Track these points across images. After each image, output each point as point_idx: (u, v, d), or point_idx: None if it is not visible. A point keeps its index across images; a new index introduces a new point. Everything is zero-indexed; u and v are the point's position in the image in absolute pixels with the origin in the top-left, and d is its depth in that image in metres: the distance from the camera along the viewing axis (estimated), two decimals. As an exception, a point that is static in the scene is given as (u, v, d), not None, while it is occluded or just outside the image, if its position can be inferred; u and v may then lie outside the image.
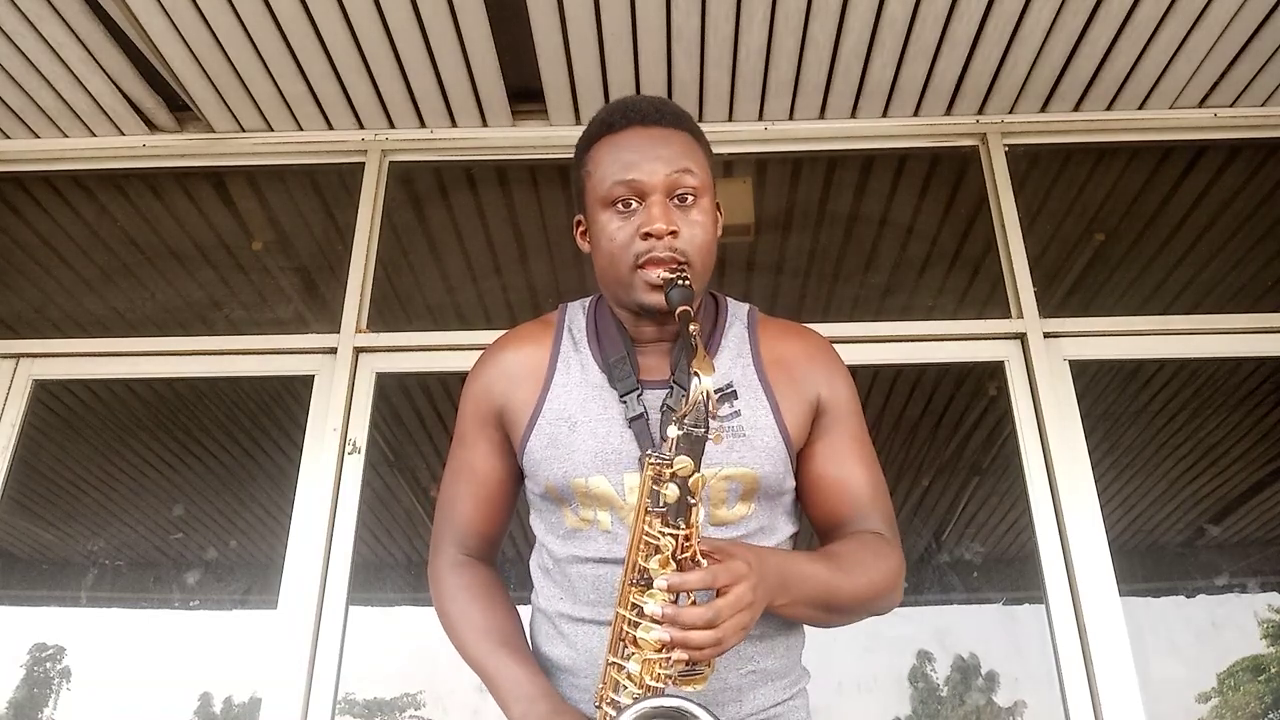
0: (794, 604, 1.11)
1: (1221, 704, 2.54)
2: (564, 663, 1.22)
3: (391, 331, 2.80)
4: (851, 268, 3.04)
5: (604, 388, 1.26)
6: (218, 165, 3.14)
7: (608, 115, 1.29)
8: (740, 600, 0.99)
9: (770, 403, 1.25)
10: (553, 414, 1.25)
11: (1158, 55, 2.74)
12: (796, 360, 1.31)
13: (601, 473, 1.21)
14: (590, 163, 1.28)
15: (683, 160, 1.23)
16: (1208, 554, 2.94)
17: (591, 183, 1.27)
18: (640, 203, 1.22)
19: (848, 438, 1.29)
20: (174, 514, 3.04)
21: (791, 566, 1.12)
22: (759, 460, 1.22)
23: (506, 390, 1.29)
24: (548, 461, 1.23)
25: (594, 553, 1.21)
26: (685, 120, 1.30)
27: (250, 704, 2.55)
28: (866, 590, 1.18)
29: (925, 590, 2.73)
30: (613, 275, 1.25)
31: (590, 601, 1.20)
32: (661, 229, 1.19)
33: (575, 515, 1.23)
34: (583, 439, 1.22)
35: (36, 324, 3.01)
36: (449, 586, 1.29)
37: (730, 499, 1.21)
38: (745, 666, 1.18)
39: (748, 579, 1.00)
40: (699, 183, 1.24)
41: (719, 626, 0.97)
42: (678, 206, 1.22)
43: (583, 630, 1.21)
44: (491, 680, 1.19)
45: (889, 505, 1.29)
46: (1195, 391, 2.97)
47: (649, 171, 1.21)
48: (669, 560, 1.02)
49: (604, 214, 1.24)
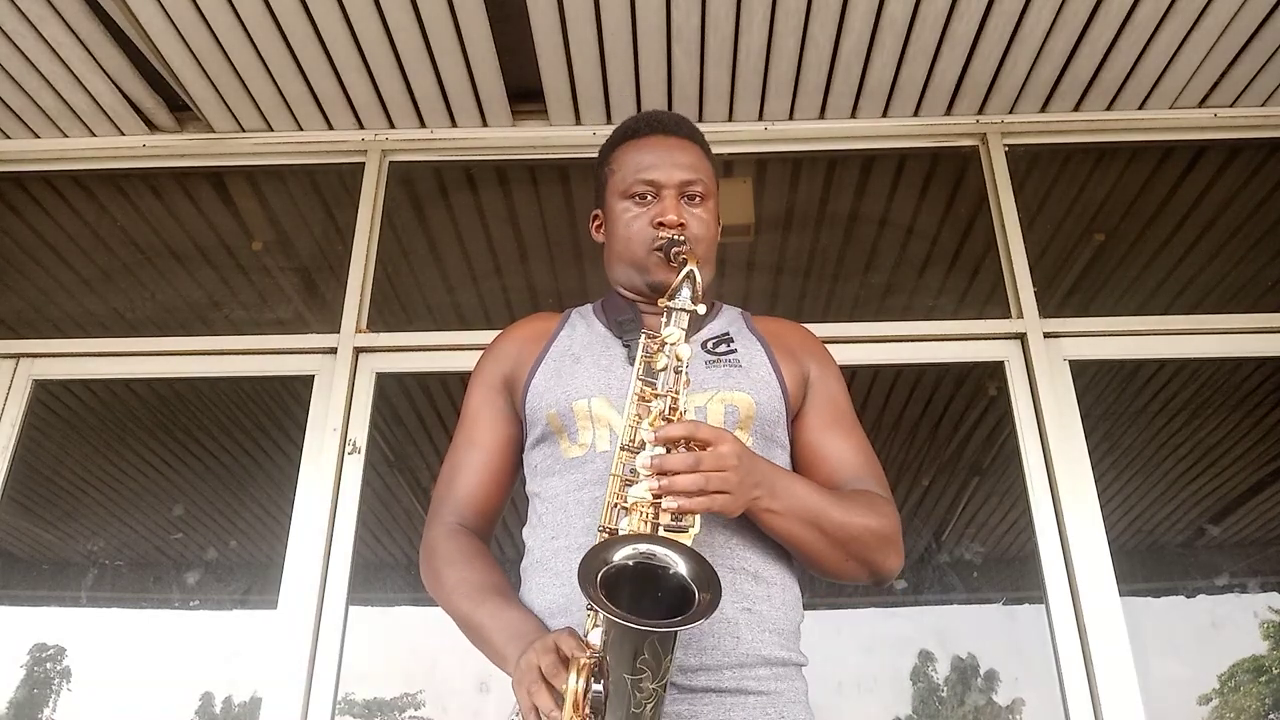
0: (785, 514, 1.17)
1: (1222, 704, 2.54)
2: (557, 603, 1.21)
3: (391, 331, 2.80)
4: (851, 268, 3.04)
5: (608, 336, 1.39)
6: (218, 165, 3.14)
7: (633, 123, 1.50)
8: (722, 457, 1.08)
9: (766, 350, 1.38)
10: (558, 353, 1.38)
11: (1158, 55, 2.74)
12: (790, 337, 1.45)
13: (603, 394, 1.29)
14: (614, 162, 1.47)
15: (694, 166, 1.43)
16: (1208, 554, 2.94)
17: (614, 179, 1.45)
18: (655, 197, 1.40)
19: (838, 412, 1.39)
20: (174, 514, 3.04)
21: (782, 474, 1.21)
22: (754, 388, 1.31)
23: (514, 353, 1.42)
24: (550, 390, 1.32)
25: (592, 475, 1.25)
26: (699, 136, 1.50)
27: (250, 704, 2.54)
28: (859, 527, 1.22)
29: (925, 590, 2.73)
30: (628, 256, 1.41)
31: (586, 527, 1.22)
32: (674, 219, 1.36)
33: (574, 443, 1.29)
34: (586, 368, 1.34)
35: (36, 324, 3.01)
36: (443, 551, 1.31)
37: (727, 424, 1.27)
38: (740, 603, 1.19)
39: (730, 442, 1.10)
40: (705, 189, 1.43)
41: (700, 473, 1.06)
42: (687, 204, 1.40)
43: (576, 560, 1.19)
44: (483, 628, 1.20)
45: (881, 473, 1.35)
46: (1195, 391, 2.97)
47: (666, 172, 1.40)
48: (658, 420, 1.13)
49: (622, 203, 1.42)
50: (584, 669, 0.99)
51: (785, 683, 1.20)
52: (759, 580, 1.22)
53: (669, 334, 1.17)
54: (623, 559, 1.01)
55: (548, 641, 1.06)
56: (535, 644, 1.07)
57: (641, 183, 1.40)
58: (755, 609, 1.20)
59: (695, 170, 1.42)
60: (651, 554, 1.01)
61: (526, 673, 1.05)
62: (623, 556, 1.01)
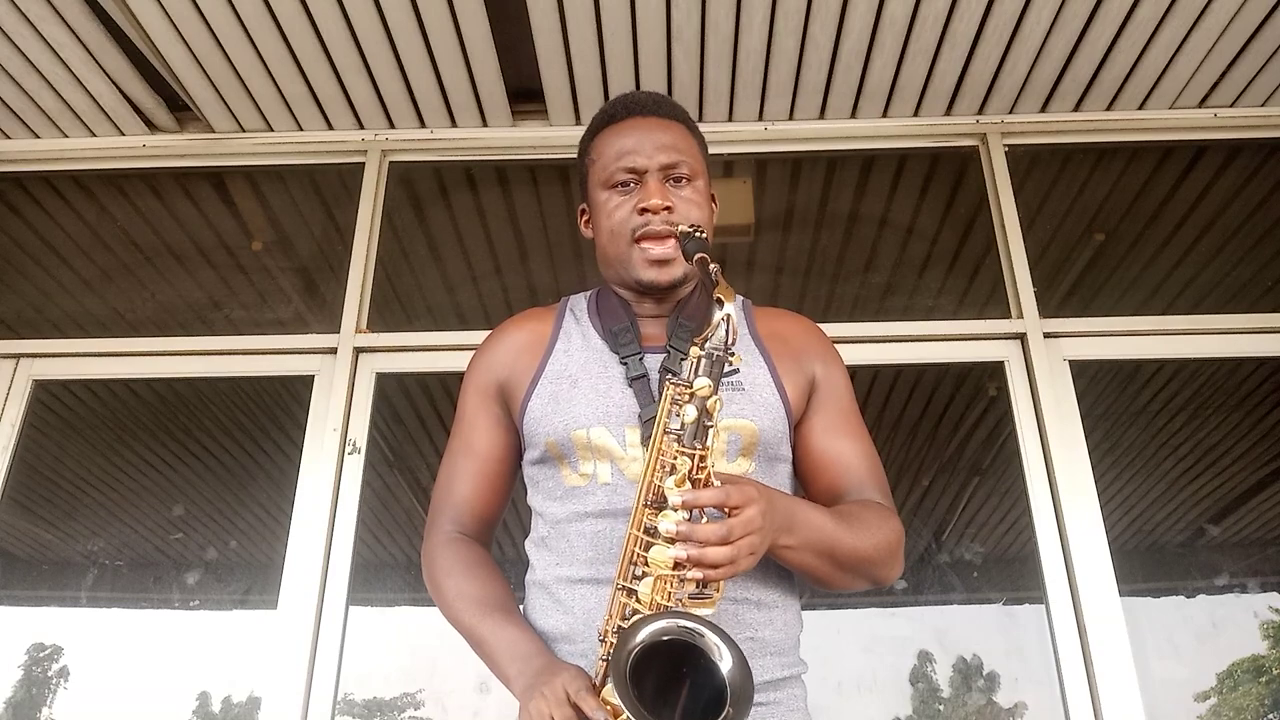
0: (800, 548, 1.13)
1: (1221, 704, 2.54)
2: (560, 630, 1.20)
3: (391, 331, 2.80)
4: (851, 268, 3.03)
5: (605, 352, 1.31)
6: (218, 165, 3.14)
7: (610, 108, 1.41)
8: (751, 522, 1.02)
9: (768, 365, 1.31)
10: (554, 374, 1.30)
11: (1158, 55, 2.74)
12: (793, 336, 1.38)
13: (603, 424, 1.24)
14: (593, 151, 1.39)
15: (676, 145, 1.34)
16: (1208, 554, 2.93)
17: (594, 169, 1.38)
18: (638, 183, 1.32)
19: (843, 414, 1.34)
20: (174, 514, 3.04)
21: (798, 507, 1.16)
22: (757, 413, 1.25)
23: (509, 361, 1.35)
24: (548, 417, 1.26)
25: (594, 507, 1.22)
26: (680, 113, 1.40)
27: (250, 704, 2.54)
28: (869, 549, 1.20)
29: (925, 590, 2.72)
30: (613, 252, 1.33)
31: (589, 560, 1.20)
32: (657, 204, 1.29)
33: (575, 472, 1.25)
34: (584, 394, 1.26)
35: (36, 324, 3.01)
36: (444, 560, 1.29)
37: (730, 452, 1.24)
38: (744, 633, 1.17)
39: (757, 503, 1.03)
40: (690, 169, 1.34)
41: (732, 544, 1.00)
42: (673, 186, 1.32)
43: (580, 592, 1.20)
44: (485, 644, 1.19)
45: (885, 479, 1.33)
46: (1195, 391, 2.97)
47: (646, 155, 1.32)
48: (684, 480, 1.05)
49: (604, 194, 1.35)
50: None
51: (784, 691, 1.21)
52: (761, 607, 1.21)
53: (700, 385, 1.05)
54: (661, 635, 0.96)
55: (558, 690, 1.03)
56: (545, 689, 1.04)
57: (622, 170, 1.32)
58: (759, 635, 1.19)
59: (678, 150, 1.33)
60: (699, 635, 0.96)
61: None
62: (662, 633, 0.96)
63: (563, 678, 1.05)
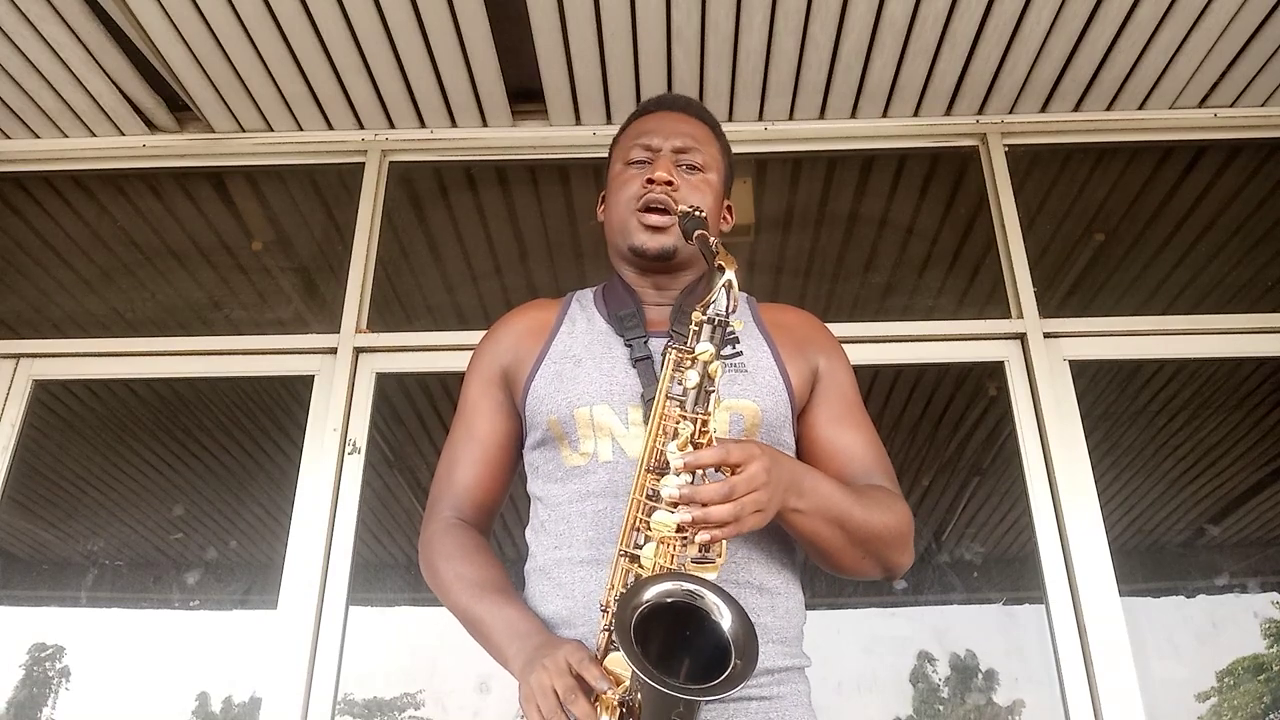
0: (811, 514, 1.13)
1: (1221, 704, 2.54)
2: (560, 615, 1.19)
3: (391, 331, 2.80)
4: (851, 268, 3.03)
5: (610, 334, 1.33)
6: (218, 165, 3.14)
7: (643, 104, 1.50)
8: (755, 478, 1.02)
9: (771, 349, 1.32)
10: (558, 354, 1.32)
11: (1158, 55, 2.74)
12: (797, 328, 1.39)
13: (605, 402, 1.24)
14: (621, 140, 1.46)
15: (694, 135, 1.40)
16: (1208, 554, 2.93)
17: (616, 152, 1.45)
18: (651, 161, 1.37)
19: (848, 405, 1.35)
20: (174, 514, 3.04)
21: (806, 472, 1.15)
22: (760, 394, 1.26)
23: (512, 345, 1.37)
24: (551, 395, 1.27)
25: (595, 486, 1.22)
26: (708, 116, 1.47)
27: (250, 704, 2.54)
28: (881, 526, 1.19)
29: (925, 590, 2.72)
30: (616, 220, 1.38)
31: (589, 541, 1.20)
32: (662, 175, 1.33)
33: (575, 451, 1.25)
34: (588, 372, 1.28)
35: (36, 324, 3.01)
36: (441, 544, 1.29)
37: (733, 433, 1.24)
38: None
39: (760, 459, 1.03)
40: (704, 161, 1.39)
41: (735, 501, 1.00)
42: (685, 172, 1.37)
43: (580, 574, 1.19)
44: (482, 624, 1.19)
45: (891, 469, 1.32)
46: (1195, 391, 2.97)
47: (663, 136, 1.39)
48: (686, 445, 1.04)
49: (619, 168, 1.41)
50: (614, 711, 0.96)
51: (787, 686, 1.20)
52: (764, 592, 1.20)
53: (701, 350, 1.06)
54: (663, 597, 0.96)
55: (559, 661, 1.02)
56: (545, 661, 1.03)
57: (639, 148, 1.39)
58: (760, 620, 1.18)
59: (695, 140, 1.39)
60: (699, 596, 0.97)
61: (541, 696, 1.01)
62: (664, 594, 0.96)
63: (564, 650, 1.04)
